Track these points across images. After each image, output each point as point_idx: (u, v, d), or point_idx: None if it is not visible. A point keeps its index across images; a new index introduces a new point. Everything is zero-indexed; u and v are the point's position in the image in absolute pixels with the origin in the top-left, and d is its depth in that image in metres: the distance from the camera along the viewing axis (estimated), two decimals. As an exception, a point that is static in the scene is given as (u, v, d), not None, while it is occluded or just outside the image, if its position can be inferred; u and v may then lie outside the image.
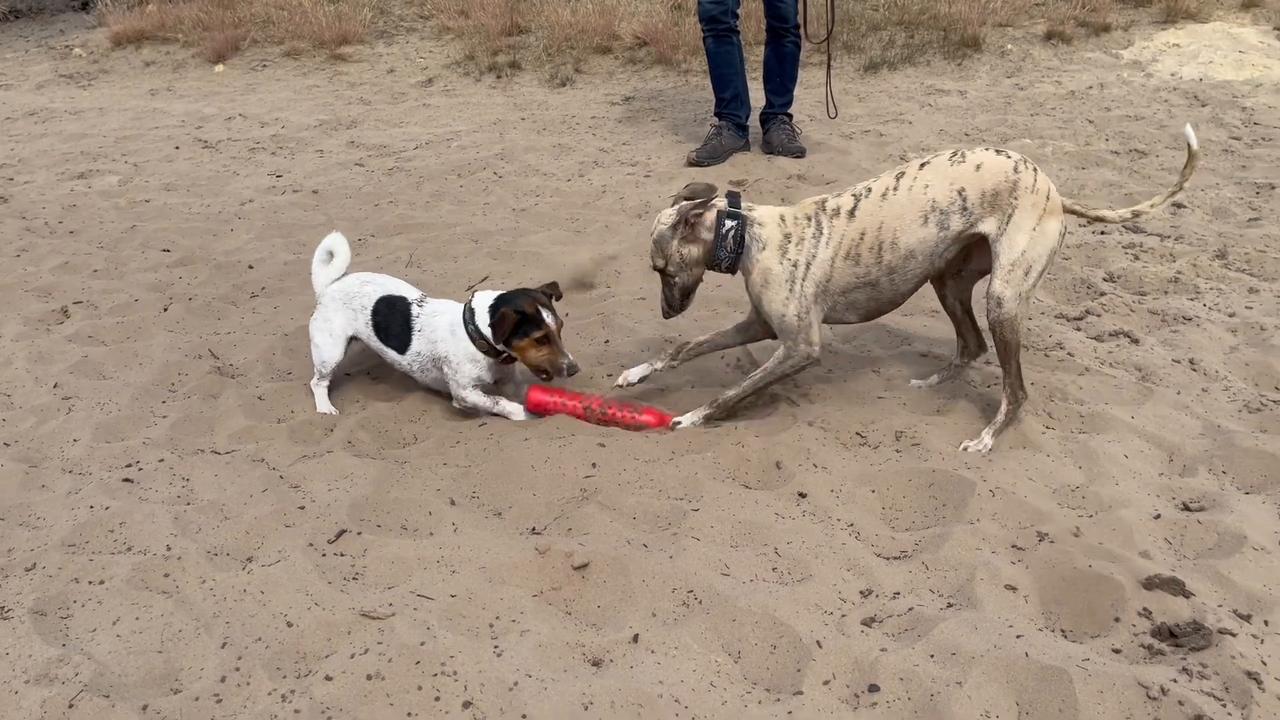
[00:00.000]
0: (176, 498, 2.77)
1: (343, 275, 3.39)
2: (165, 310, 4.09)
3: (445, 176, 6.01)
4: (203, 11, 10.28)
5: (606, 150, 6.49)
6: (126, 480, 2.85)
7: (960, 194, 2.78)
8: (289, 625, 2.21)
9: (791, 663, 2.10)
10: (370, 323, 3.23)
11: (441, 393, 3.27)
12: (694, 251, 3.00)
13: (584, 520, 2.61)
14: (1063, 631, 2.19)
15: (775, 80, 6.18)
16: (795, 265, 2.90)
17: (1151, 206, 2.93)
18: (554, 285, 3.20)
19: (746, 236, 2.94)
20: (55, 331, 3.93)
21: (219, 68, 9.57)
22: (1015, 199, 2.75)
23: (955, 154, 2.83)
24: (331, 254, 3.40)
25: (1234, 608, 2.20)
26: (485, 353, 3.08)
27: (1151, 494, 2.65)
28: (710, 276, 3.20)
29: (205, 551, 2.48)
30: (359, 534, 2.56)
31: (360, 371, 3.50)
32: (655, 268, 3.07)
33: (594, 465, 2.86)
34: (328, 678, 2.05)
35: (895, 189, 2.84)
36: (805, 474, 2.79)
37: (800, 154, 6.03)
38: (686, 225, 2.96)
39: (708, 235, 2.97)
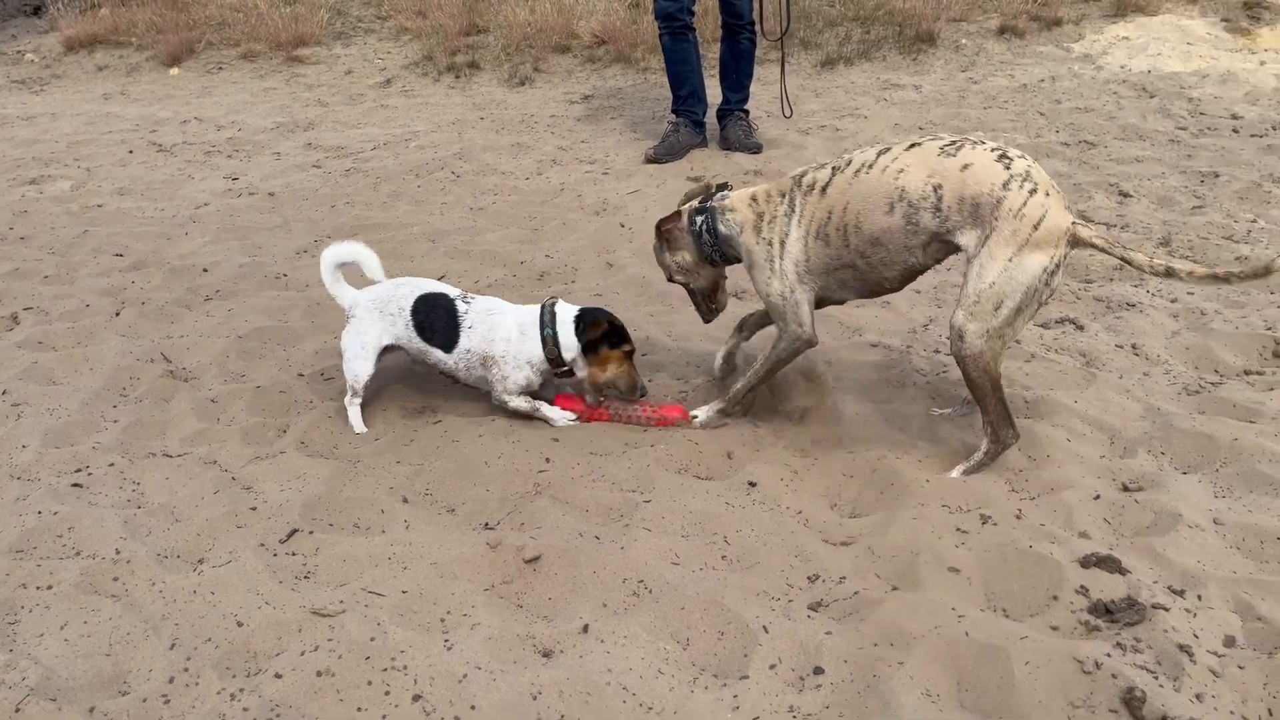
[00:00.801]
0: (127, 501, 2.75)
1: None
2: (117, 315, 4.06)
3: (403, 177, 6.00)
4: (156, 14, 10.17)
5: (565, 148, 6.50)
6: (76, 485, 2.83)
7: (936, 190, 2.50)
8: (239, 625, 2.21)
9: (738, 648, 2.13)
10: (411, 323, 3.11)
11: (474, 390, 3.20)
12: (686, 257, 3.01)
13: (536, 514, 2.63)
14: (1003, 611, 2.23)
15: (731, 77, 6.22)
16: (770, 244, 2.80)
17: (1188, 275, 2.42)
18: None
19: (719, 225, 2.91)
20: (4, 338, 3.89)
21: (174, 71, 9.47)
22: (995, 219, 2.43)
23: (952, 144, 2.53)
24: (340, 266, 3.22)
25: (1168, 584, 2.26)
26: (551, 360, 3.02)
27: (1092, 475, 2.71)
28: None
29: (155, 554, 2.48)
30: (311, 533, 2.56)
31: (313, 372, 3.50)
32: (668, 280, 3.14)
33: (547, 460, 2.88)
34: (277, 675, 2.06)
35: (870, 167, 2.62)
36: (755, 464, 2.83)
37: (757, 150, 6.07)
38: (661, 236, 3.02)
39: (687, 238, 2.98)
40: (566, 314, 3.02)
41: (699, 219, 2.95)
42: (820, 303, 2.92)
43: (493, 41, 9.16)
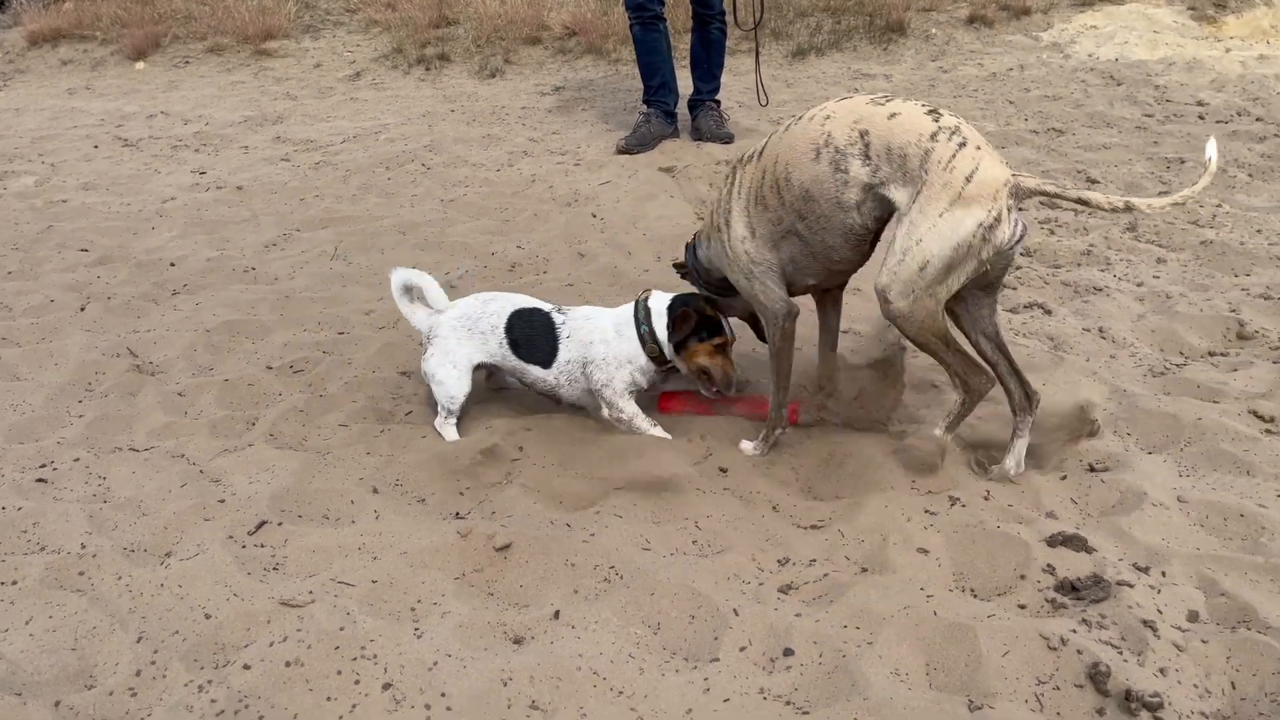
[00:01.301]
0: (92, 496, 2.72)
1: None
2: (82, 310, 4.01)
3: (373, 169, 5.96)
4: (121, 8, 10.04)
5: (536, 140, 6.48)
6: (40, 480, 2.80)
7: (863, 137, 2.36)
8: (207, 617, 2.19)
9: (709, 631, 2.14)
10: (505, 341, 2.99)
11: (580, 408, 3.06)
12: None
13: (507, 503, 2.63)
14: (971, 591, 2.25)
15: (702, 67, 6.22)
16: (719, 230, 2.73)
17: (1148, 207, 2.31)
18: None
19: (700, 255, 2.93)
20: (-33, 335, 3.84)
21: (139, 65, 9.36)
22: (925, 171, 2.29)
23: (882, 97, 2.43)
24: (409, 289, 3.08)
25: (1133, 561, 2.28)
26: (653, 358, 2.89)
27: (1059, 456, 2.73)
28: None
29: (121, 548, 2.45)
30: (280, 525, 2.54)
31: (282, 364, 3.47)
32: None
33: (520, 449, 2.87)
34: (246, 667, 2.04)
35: (799, 119, 2.53)
36: (726, 450, 2.83)
37: (728, 140, 6.08)
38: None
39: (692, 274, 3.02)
40: (660, 306, 2.90)
41: (687, 253, 2.98)
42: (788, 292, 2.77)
43: (463, 33, 9.12)
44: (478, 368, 3.04)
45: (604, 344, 2.90)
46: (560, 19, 8.92)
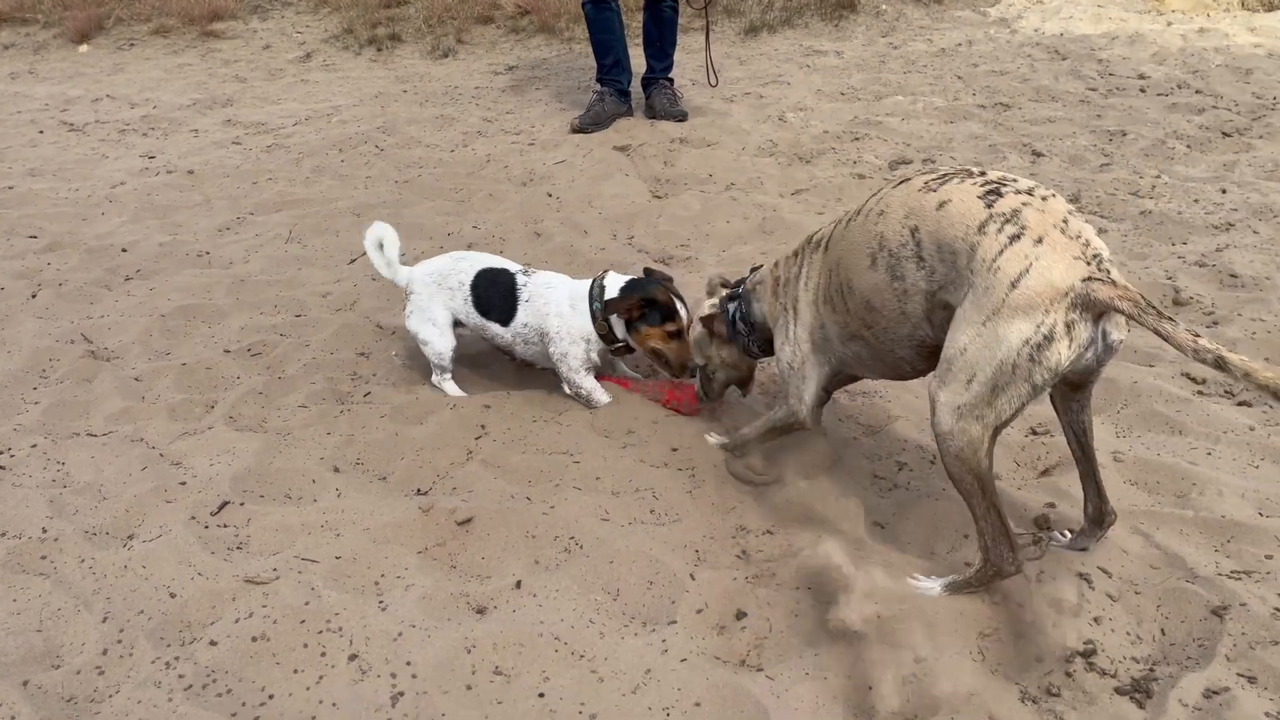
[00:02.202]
0: (51, 481, 2.73)
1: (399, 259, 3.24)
2: (34, 297, 3.98)
3: (326, 152, 5.93)
4: (62, -11, 9.84)
5: (490, 120, 6.48)
6: (-2, 467, 2.80)
7: (914, 234, 2.04)
8: (172, 596, 2.23)
9: (667, 596, 2.21)
10: (470, 298, 3.06)
11: (535, 368, 3.15)
12: (728, 352, 2.83)
13: (468, 479, 2.67)
14: (918, 551, 2.34)
15: (655, 45, 6.24)
16: (785, 310, 2.51)
17: (1246, 377, 1.69)
18: (650, 271, 3.06)
19: (755, 310, 2.69)
20: (-84, 324, 3.79)
21: (83, 48, 9.19)
22: (971, 271, 1.92)
23: (939, 178, 2.06)
24: (382, 242, 3.19)
25: (1072, 518, 2.38)
26: (602, 336, 2.93)
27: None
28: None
29: (83, 532, 2.47)
30: (242, 505, 2.57)
31: (240, 348, 3.48)
32: (699, 363, 2.91)
33: (482, 428, 2.92)
34: (212, 643, 2.08)
35: (859, 214, 2.22)
36: (682, 428, 2.89)
37: (682, 117, 6.11)
38: (707, 332, 2.83)
39: (724, 329, 2.79)
40: (615, 286, 2.91)
41: (731, 305, 2.76)
42: (845, 378, 2.59)
43: (414, 13, 9.05)
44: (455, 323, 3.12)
45: (559, 317, 2.95)
46: (512, -2, 8.89)
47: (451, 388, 3.12)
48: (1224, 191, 4.48)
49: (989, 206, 1.93)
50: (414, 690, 1.95)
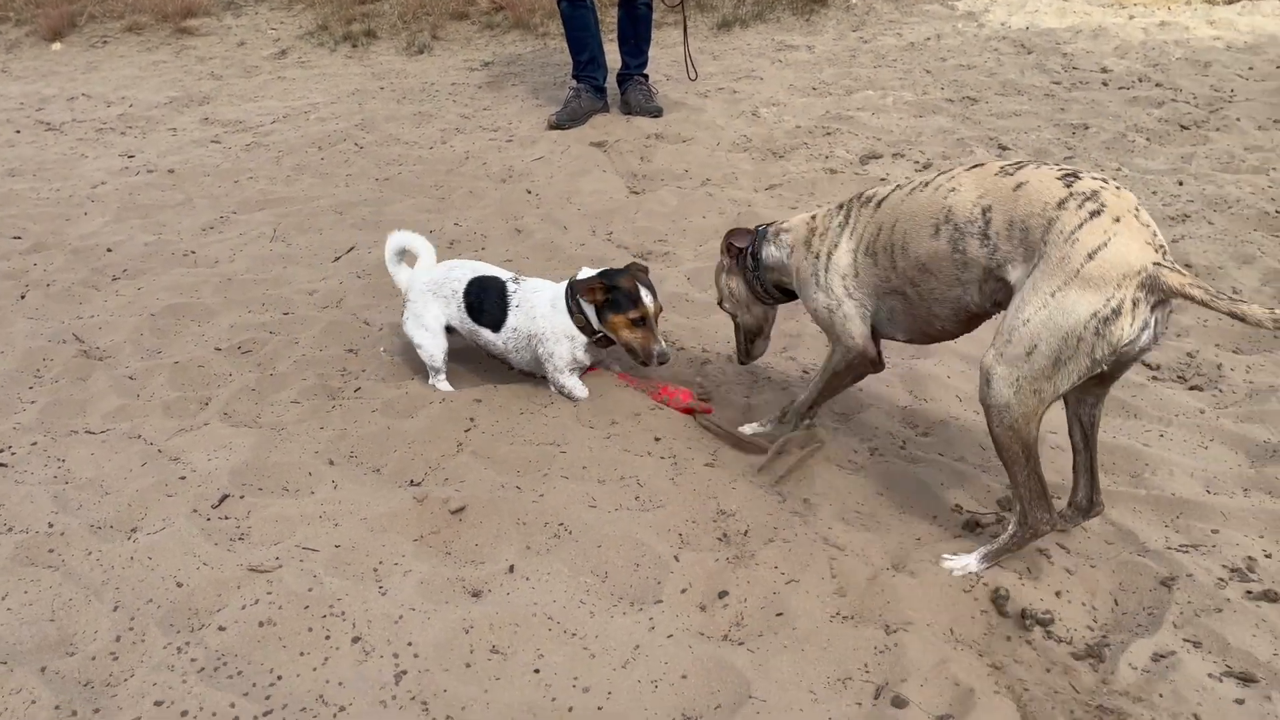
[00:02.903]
0: (53, 478, 2.81)
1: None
2: (23, 298, 4.04)
3: (305, 149, 5.99)
4: (33, -14, 9.80)
5: (468, 116, 6.56)
6: (0, 465, 2.87)
7: (985, 213, 2.13)
8: (179, 585, 2.32)
9: (653, 577, 2.33)
10: (463, 305, 3.17)
11: (534, 376, 3.22)
12: (737, 285, 2.88)
13: (459, 470, 2.78)
14: (888, 530, 2.48)
15: (630, 42, 6.34)
16: (818, 257, 2.57)
17: None
18: (635, 263, 3.09)
19: (764, 252, 2.76)
20: (-94, 326, 3.85)
21: (56, 46, 9.17)
22: (1045, 244, 2.00)
23: (1015, 164, 2.17)
24: (405, 251, 3.32)
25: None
26: (582, 329, 3.00)
27: (969, 410, 2.97)
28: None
29: (88, 526, 2.55)
30: (242, 498, 2.67)
31: (230, 346, 3.56)
32: (718, 304, 3.00)
33: (471, 420, 3.02)
34: (221, 628, 2.18)
35: (927, 185, 2.32)
36: (663, 419, 3.00)
37: (657, 113, 6.22)
38: (728, 255, 2.88)
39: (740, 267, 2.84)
40: (586, 274, 3.00)
41: (750, 240, 2.80)
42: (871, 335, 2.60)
43: (388, 9, 9.09)
44: (447, 328, 3.25)
45: (544, 318, 3.05)
46: (486, -7, 8.95)
47: (445, 385, 3.25)
48: (1181, 184, 4.65)
49: (1068, 187, 2.02)
50: (416, 669, 2.06)
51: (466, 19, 8.83)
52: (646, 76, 6.45)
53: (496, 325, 3.14)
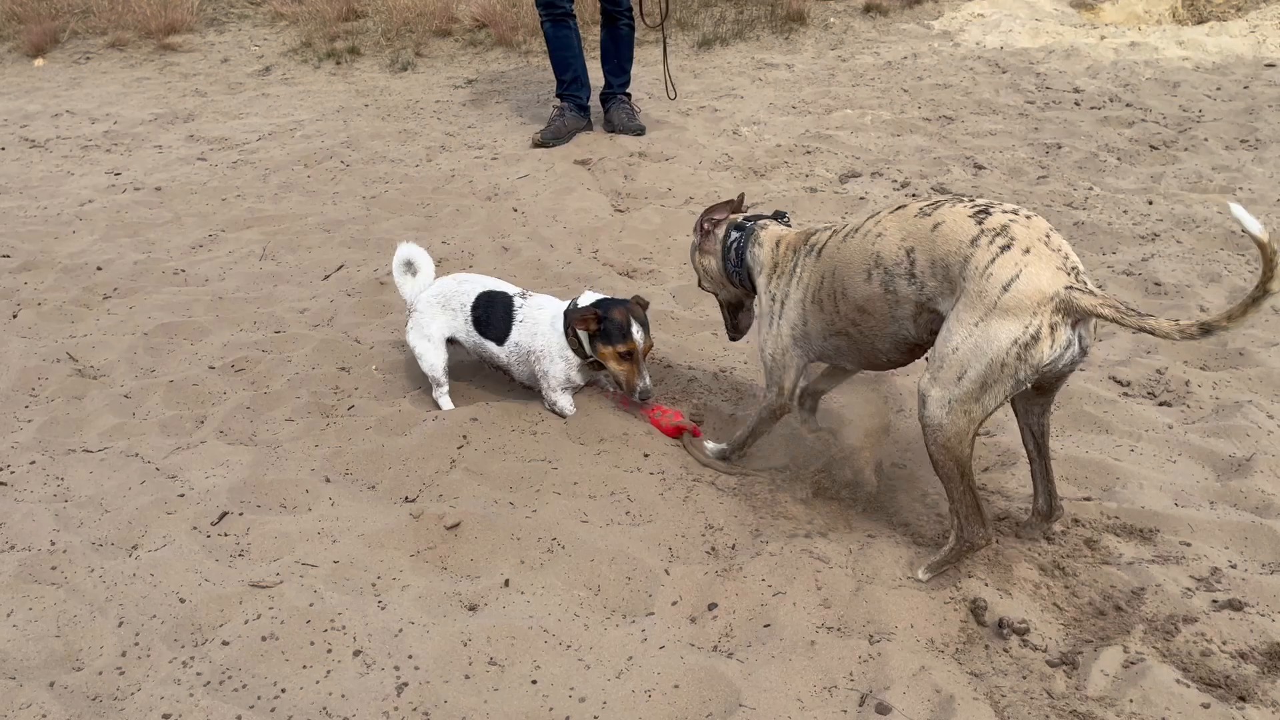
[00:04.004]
0: (53, 496, 2.86)
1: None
2: (15, 317, 4.07)
3: (292, 167, 6.05)
4: (15, 3, 9.80)
5: (453, 134, 6.64)
6: (0, 484, 2.92)
7: (909, 254, 2.27)
8: (182, 601, 2.38)
9: (644, 590, 2.41)
10: (470, 318, 3.24)
11: (534, 391, 3.29)
12: (711, 264, 2.95)
13: (453, 486, 2.85)
14: (870, 541, 2.57)
15: (613, 62, 6.45)
16: (774, 300, 2.70)
17: (1229, 320, 1.92)
18: (638, 298, 3.14)
19: (748, 254, 2.82)
20: (-102, 345, 3.88)
21: (38, 62, 9.18)
22: (964, 279, 2.13)
23: (932, 204, 2.29)
24: (410, 264, 3.36)
25: (1007, 508, 2.62)
26: (575, 351, 3.07)
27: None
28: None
29: (90, 543, 2.61)
30: (241, 515, 2.72)
31: (224, 364, 3.62)
32: (699, 285, 3.08)
33: (464, 438, 3.09)
34: (225, 643, 2.24)
35: (856, 232, 2.44)
36: (650, 440, 3.08)
37: (640, 132, 6.33)
38: (700, 233, 2.96)
39: (717, 249, 2.91)
40: (586, 301, 3.05)
41: (735, 235, 2.86)
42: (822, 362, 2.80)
43: (372, 26, 9.17)
44: (450, 340, 3.31)
45: (543, 336, 3.13)
46: (470, 11, 9.04)
47: (445, 399, 3.31)
48: (1150, 203, 4.79)
49: (979, 224, 2.15)
50: (417, 680, 2.13)
51: (450, 36, 8.92)
52: (629, 95, 6.55)
53: (501, 339, 3.21)
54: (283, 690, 2.12)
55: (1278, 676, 2.08)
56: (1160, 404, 3.17)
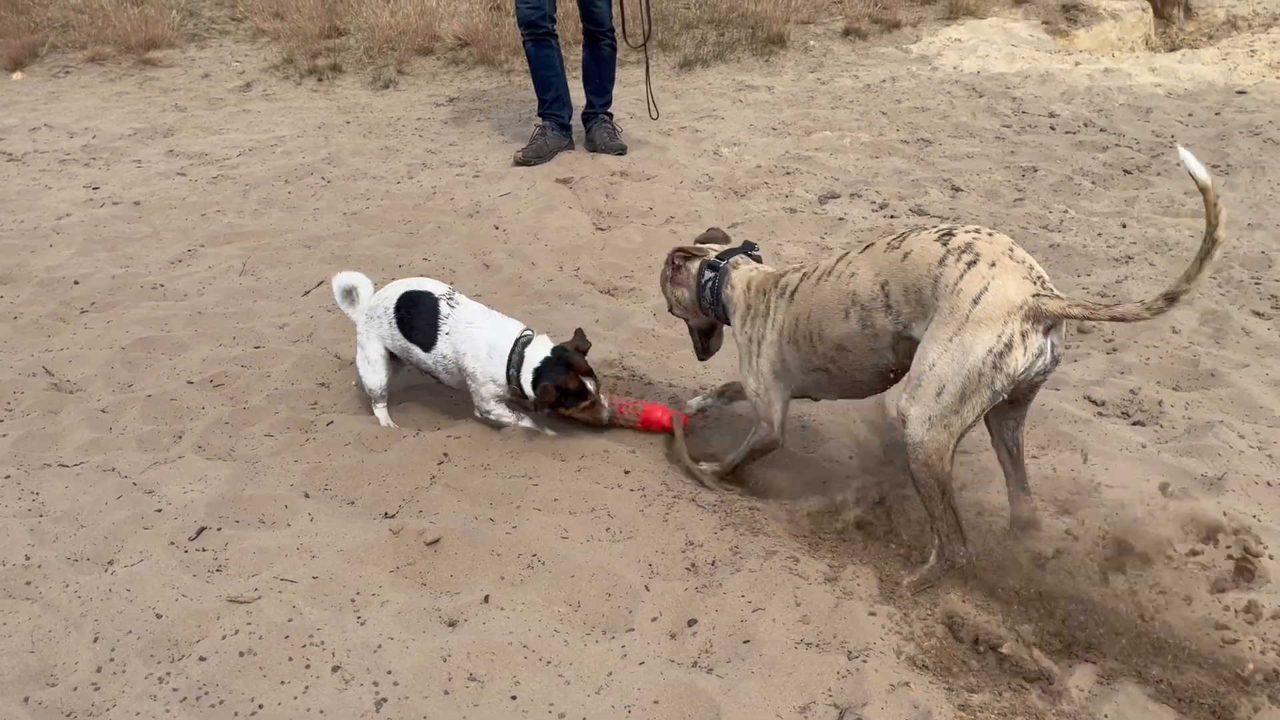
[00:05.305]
0: (28, 511, 2.83)
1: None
2: (-10, 330, 4.05)
3: (272, 183, 6.04)
4: (-6, 16, 9.75)
5: (434, 151, 6.65)
6: (-27, 499, 2.90)
7: (884, 289, 2.35)
8: (158, 617, 2.36)
9: (624, 606, 2.41)
10: (394, 321, 3.20)
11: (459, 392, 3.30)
12: (683, 295, 3.03)
13: (433, 502, 2.85)
14: (848, 556, 2.59)
15: (594, 81, 6.49)
16: (750, 340, 2.79)
17: (1188, 281, 1.96)
18: (581, 335, 3.22)
19: (723, 291, 2.90)
20: None
21: (17, 75, 9.12)
22: (936, 298, 2.22)
23: (898, 238, 2.38)
24: (349, 292, 3.35)
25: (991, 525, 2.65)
26: (518, 396, 3.11)
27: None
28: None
29: (65, 558, 2.59)
30: (219, 530, 2.71)
31: (203, 379, 3.60)
32: (669, 311, 3.15)
33: (445, 454, 3.09)
34: (201, 659, 2.23)
35: (829, 275, 2.52)
36: (631, 456, 3.09)
37: (622, 151, 6.36)
38: (671, 267, 3.03)
39: (692, 282, 2.98)
40: (535, 358, 3.07)
41: (708, 274, 2.94)
42: (801, 396, 2.86)
43: (354, 44, 9.17)
44: (391, 355, 3.29)
45: (474, 358, 3.12)
46: (452, 30, 9.07)
47: (382, 414, 3.30)
48: (1124, 226, 4.86)
49: (944, 245, 2.24)
50: (396, 696, 2.12)
51: (432, 54, 8.94)
52: (611, 115, 6.59)
53: (427, 345, 3.18)
54: (260, 706, 2.11)
55: (1255, 696, 2.11)
56: (1134, 423, 3.21)
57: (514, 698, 2.13)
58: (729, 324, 2.93)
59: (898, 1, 9.43)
